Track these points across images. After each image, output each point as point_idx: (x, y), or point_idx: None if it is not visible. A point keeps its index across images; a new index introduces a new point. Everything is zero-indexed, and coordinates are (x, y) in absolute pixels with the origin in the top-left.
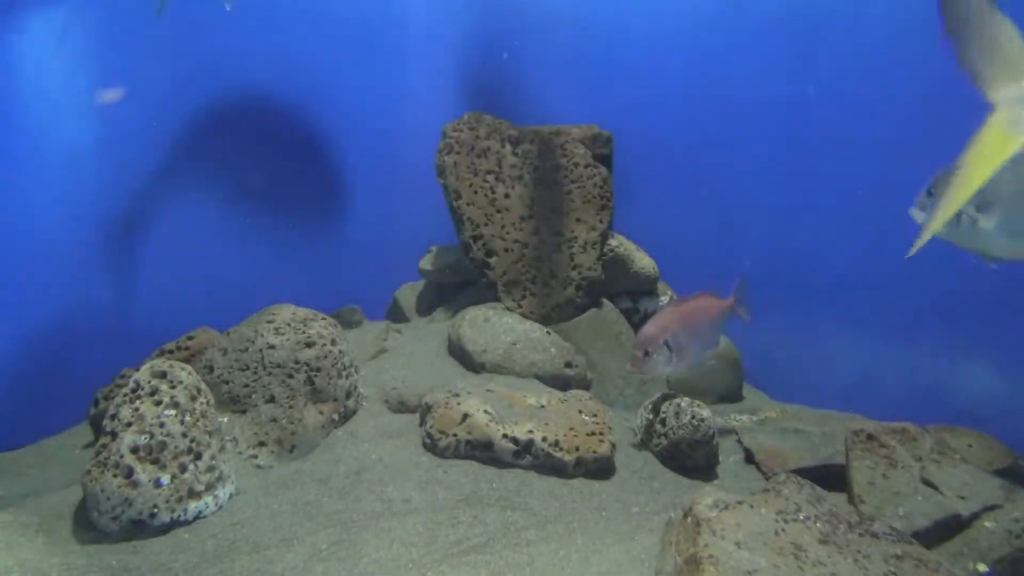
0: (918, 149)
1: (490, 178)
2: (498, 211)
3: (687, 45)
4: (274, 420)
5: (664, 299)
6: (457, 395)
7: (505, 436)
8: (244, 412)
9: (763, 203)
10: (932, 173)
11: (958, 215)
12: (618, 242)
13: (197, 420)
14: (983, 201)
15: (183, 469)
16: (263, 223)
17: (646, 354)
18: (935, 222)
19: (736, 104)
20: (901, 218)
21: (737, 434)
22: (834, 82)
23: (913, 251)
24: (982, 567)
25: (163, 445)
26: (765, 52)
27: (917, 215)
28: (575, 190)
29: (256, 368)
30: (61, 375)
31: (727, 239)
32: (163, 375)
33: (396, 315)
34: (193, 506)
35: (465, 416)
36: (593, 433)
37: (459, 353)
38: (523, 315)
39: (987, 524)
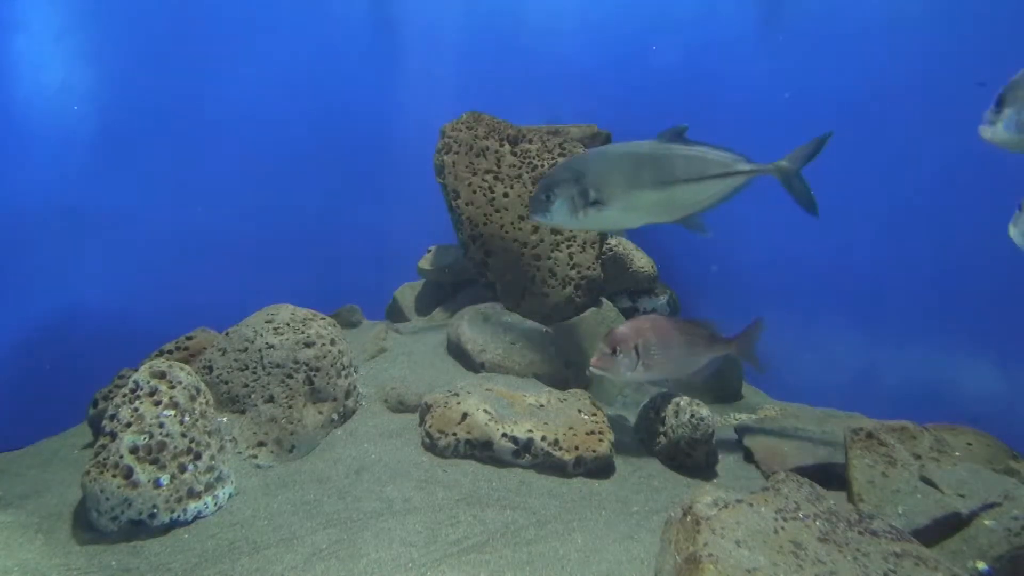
0: (917, 148)
1: (489, 177)
2: (497, 211)
3: (686, 45)
4: (273, 420)
5: (663, 298)
6: (456, 394)
7: (504, 435)
8: (243, 412)
9: (762, 202)
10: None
11: (584, 210)
12: (617, 241)
13: (196, 420)
14: (602, 197)
15: (182, 469)
16: (262, 223)
17: (613, 352)
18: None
19: (735, 103)
20: (901, 218)
21: (736, 433)
22: (833, 81)
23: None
24: (981, 565)
25: (162, 445)
26: (764, 51)
27: (539, 217)
28: None
29: (255, 368)
30: (60, 376)
31: (726, 239)
32: (162, 375)
33: (395, 315)
34: (193, 506)
35: (464, 415)
36: (592, 432)
37: (458, 353)
38: (522, 314)
39: (986, 522)
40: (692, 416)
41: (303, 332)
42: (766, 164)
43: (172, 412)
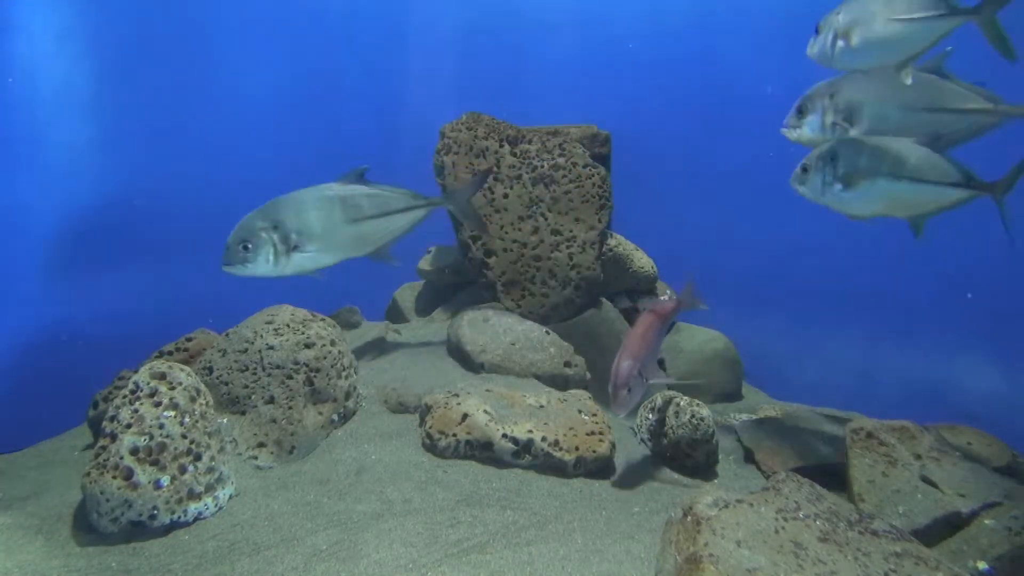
0: None
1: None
2: (497, 211)
3: (686, 45)
4: (274, 421)
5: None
6: (456, 395)
7: (505, 436)
8: (244, 413)
9: (762, 202)
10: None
11: (287, 256)
12: (617, 241)
13: (197, 421)
14: (301, 241)
15: (183, 470)
16: None
17: (628, 391)
18: None
19: (735, 103)
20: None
21: (737, 433)
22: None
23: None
24: (982, 564)
25: (163, 446)
26: (764, 51)
27: (236, 269)
28: (574, 190)
29: (255, 369)
30: (60, 377)
31: (726, 239)
32: (162, 376)
33: (395, 315)
34: (193, 507)
35: (465, 416)
36: (593, 432)
37: (458, 353)
38: (522, 315)
39: (987, 521)
40: (692, 416)
41: (303, 333)
42: (438, 197)
43: (172, 413)
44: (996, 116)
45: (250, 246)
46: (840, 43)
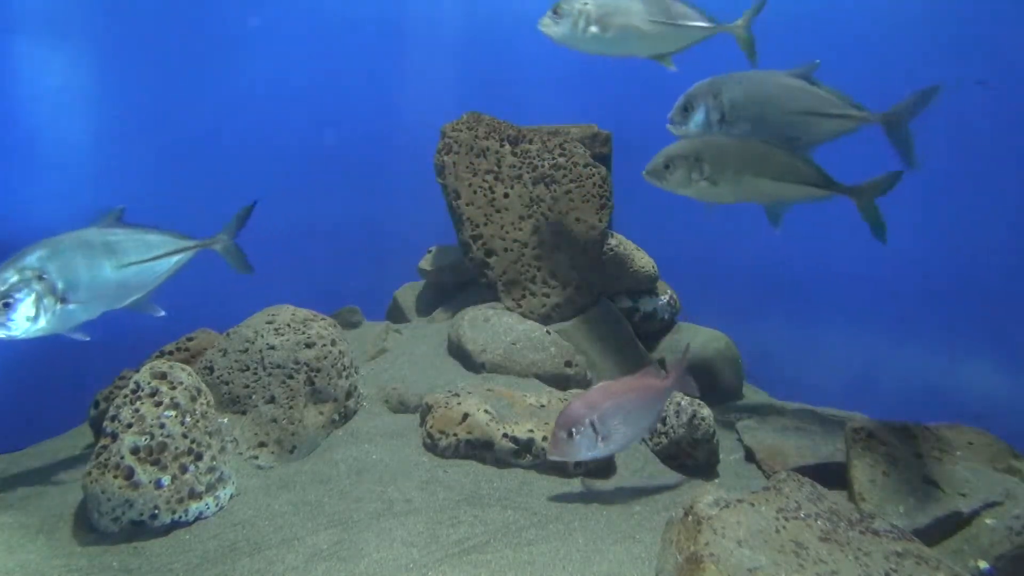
0: (915, 147)
1: (489, 178)
2: (497, 211)
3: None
4: (274, 421)
5: (664, 298)
6: (457, 395)
7: (505, 435)
8: (244, 413)
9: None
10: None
11: (55, 308)
12: (617, 241)
13: (197, 421)
14: (68, 291)
15: (184, 470)
16: (262, 224)
17: (569, 435)
18: None
19: None
20: (900, 218)
21: (737, 432)
22: (832, 81)
23: None
24: (983, 564)
25: (163, 446)
26: (764, 50)
27: None
28: (574, 189)
29: (256, 369)
30: (61, 377)
31: (726, 238)
32: (163, 376)
33: (396, 315)
34: (194, 507)
35: (465, 416)
36: None
37: (459, 353)
38: (523, 315)
39: (988, 521)
40: (693, 416)
41: (304, 333)
42: (207, 239)
43: (173, 413)
44: (861, 122)
45: (11, 302)
46: (593, 29)
